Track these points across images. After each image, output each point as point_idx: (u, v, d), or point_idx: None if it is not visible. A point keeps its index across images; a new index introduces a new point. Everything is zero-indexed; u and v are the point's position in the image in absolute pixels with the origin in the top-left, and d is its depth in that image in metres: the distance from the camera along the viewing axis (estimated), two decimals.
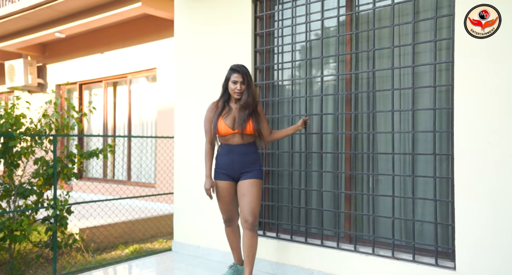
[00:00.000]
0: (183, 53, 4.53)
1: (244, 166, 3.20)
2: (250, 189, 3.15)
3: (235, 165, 3.21)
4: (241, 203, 3.20)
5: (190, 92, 4.45)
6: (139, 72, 7.81)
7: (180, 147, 4.53)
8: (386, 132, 3.31)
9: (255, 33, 3.98)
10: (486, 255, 2.77)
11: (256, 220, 3.16)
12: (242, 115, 3.18)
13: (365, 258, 3.28)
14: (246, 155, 3.21)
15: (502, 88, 2.74)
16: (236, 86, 3.18)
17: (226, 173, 3.26)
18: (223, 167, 3.26)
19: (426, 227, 3.26)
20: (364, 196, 3.53)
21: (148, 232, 6.42)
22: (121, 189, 7.36)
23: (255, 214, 3.15)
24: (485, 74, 2.81)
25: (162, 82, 7.32)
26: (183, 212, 4.47)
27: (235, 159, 3.20)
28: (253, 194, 3.15)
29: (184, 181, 4.47)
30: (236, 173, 3.22)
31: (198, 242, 4.31)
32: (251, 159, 3.22)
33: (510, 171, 2.70)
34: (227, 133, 3.21)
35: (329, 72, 3.71)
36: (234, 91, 3.19)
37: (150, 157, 7.74)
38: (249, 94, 3.17)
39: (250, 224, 3.15)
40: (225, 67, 4.09)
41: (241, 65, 3.25)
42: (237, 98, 3.21)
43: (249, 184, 3.16)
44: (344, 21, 3.60)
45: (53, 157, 4.58)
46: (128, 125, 8.06)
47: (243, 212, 3.19)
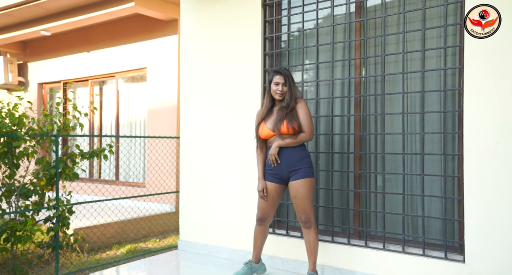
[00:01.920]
0: (189, 54, 4.59)
1: (291, 165, 3.30)
2: (299, 190, 3.26)
3: (282, 164, 3.32)
4: (294, 204, 3.32)
5: (196, 93, 4.52)
6: (128, 71, 7.78)
7: (185, 146, 4.60)
8: (397, 133, 3.49)
9: (265, 36, 4.10)
10: (494, 248, 2.98)
11: (308, 217, 3.27)
12: (279, 116, 3.30)
13: (376, 253, 3.45)
14: (292, 153, 3.31)
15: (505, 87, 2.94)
16: (278, 87, 3.30)
17: (274, 173, 3.37)
18: (272, 168, 3.37)
19: (432, 223, 3.46)
20: (372, 194, 3.70)
21: (140, 232, 6.43)
22: (109, 189, 7.32)
23: (306, 213, 3.27)
24: (489, 75, 3.00)
25: (153, 82, 7.32)
26: (189, 210, 4.54)
27: (282, 159, 3.31)
28: (303, 195, 3.26)
29: (190, 179, 4.54)
30: (284, 172, 3.33)
31: (205, 240, 4.39)
32: (297, 157, 3.31)
33: None
34: (269, 136, 3.34)
35: (339, 75, 3.86)
36: (276, 92, 3.32)
37: (139, 157, 7.73)
38: (291, 96, 3.30)
39: (303, 222, 3.29)
40: (234, 69, 4.23)
41: (283, 68, 3.40)
42: (279, 99, 3.33)
43: (299, 185, 3.27)
44: (353, 26, 3.75)
45: (55, 157, 4.56)
46: (116, 124, 8.01)
47: (297, 212, 3.32)
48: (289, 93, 3.31)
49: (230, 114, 4.26)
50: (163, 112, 7.17)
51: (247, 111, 4.10)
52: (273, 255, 3.93)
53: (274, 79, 3.34)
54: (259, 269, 3.63)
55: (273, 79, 3.34)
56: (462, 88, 3.16)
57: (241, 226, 4.14)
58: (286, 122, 3.26)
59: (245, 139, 4.11)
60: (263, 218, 3.46)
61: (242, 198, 4.15)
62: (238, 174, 4.19)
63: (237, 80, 4.22)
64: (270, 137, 3.36)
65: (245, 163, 4.13)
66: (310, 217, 3.28)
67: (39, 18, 7.81)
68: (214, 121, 4.37)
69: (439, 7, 3.40)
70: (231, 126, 4.26)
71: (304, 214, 3.27)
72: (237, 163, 4.21)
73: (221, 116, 4.33)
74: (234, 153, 4.23)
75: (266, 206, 3.41)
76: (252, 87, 4.11)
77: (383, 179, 3.53)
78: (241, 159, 4.17)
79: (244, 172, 4.14)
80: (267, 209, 3.43)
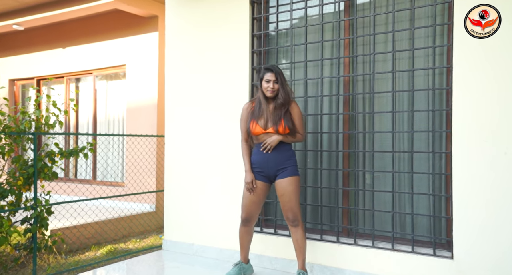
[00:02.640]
0: (175, 52, 4.51)
1: (279, 164, 3.29)
2: (287, 188, 3.25)
3: (270, 163, 3.30)
4: (281, 203, 3.30)
5: (182, 91, 4.45)
6: (106, 68, 7.61)
7: (171, 144, 4.52)
8: (386, 132, 3.51)
9: (253, 34, 4.06)
10: (482, 244, 3.04)
11: (295, 216, 3.26)
12: (276, 115, 3.28)
13: (365, 251, 3.47)
14: (280, 152, 3.30)
15: (500, 88, 2.99)
16: (269, 84, 3.28)
17: (261, 171, 3.35)
18: (259, 165, 3.34)
19: (420, 220, 3.50)
20: (360, 192, 3.71)
21: (120, 232, 6.30)
22: (86, 189, 7.15)
23: (293, 211, 3.25)
24: (482, 75, 3.05)
25: (132, 79, 7.18)
26: (175, 209, 4.47)
27: (270, 157, 3.29)
28: (290, 193, 3.25)
29: (175, 178, 4.47)
30: (272, 170, 3.31)
31: (191, 240, 4.33)
32: (285, 156, 3.31)
33: (504, 167, 2.98)
34: (260, 133, 3.31)
35: (327, 73, 3.86)
36: (267, 90, 3.29)
37: (117, 156, 7.57)
38: (284, 94, 3.28)
39: (291, 221, 3.27)
40: (221, 67, 4.17)
41: (274, 65, 3.39)
42: (270, 96, 3.30)
43: (286, 183, 3.26)
44: (343, 25, 3.76)
45: (33, 156, 4.41)
46: (93, 122, 7.83)
47: (283, 210, 3.30)
48: (282, 91, 3.29)
49: (218, 112, 4.21)
50: (143, 110, 7.05)
51: (235, 110, 4.06)
52: (261, 254, 3.90)
53: (265, 76, 3.31)
54: (248, 270, 3.60)
55: (264, 76, 3.32)
56: (451, 87, 3.20)
57: (228, 225, 4.10)
58: (284, 122, 3.25)
59: (232, 138, 4.07)
60: (248, 218, 3.42)
61: (229, 196, 4.10)
62: (225, 172, 4.15)
63: (224, 78, 4.17)
64: (260, 134, 3.33)
65: (232, 162, 4.08)
66: (297, 215, 3.27)
67: (12, 11, 7.56)
68: (201, 120, 4.31)
69: (427, 7, 3.44)
70: (218, 124, 4.21)
71: (291, 213, 3.26)
72: (224, 161, 4.16)
73: (208, 115, 4.27)
74: (221, 151, 4.18)
75: (251, 204, 3.37)
76: (240, 85, 4.07)
77: (372, 177, 3.55)
78: (228, 157, 4.12)
79: (231, 171, 4.10)
80: (252, 208, 3.39)
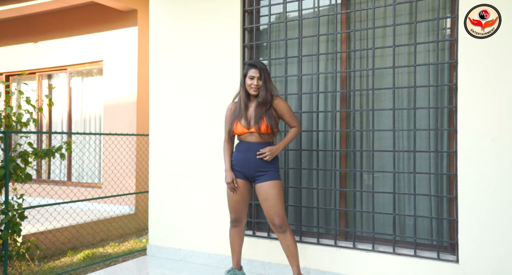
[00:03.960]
0: (160, 47, 4.26)
1: (260, 166, 3.07)
2: (270, 192, 3.04)
3: (251, 163, 3.08)
4: (265, 208, 3.08)
5: (168, 89, 4.20)
6: (81, 64, 7.24)
7: (156, 144, 4.26)
8: (387, 130, 3.36)
9: (244, 27, 3.85)
10: (489, 247, 2.92)
11: (282, 220, 3.04)
12: (257, 113, 3.06)
13: (365, 255, 3.31)
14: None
15: (503, 86, 2.88)
16: (253, 81, 3.06)
17: (241, 171, 3.13)
18: (239, 164, 3.13)
19: (421, 222, 3.36)
20: (358, 193, 3.56)
21: (98, 235, 5.98)
22: (61, 190, 6.79)
23: (280, 216, 3.04)
24: (490, 71, 2.93)
25: (109, 76, 6.85)
26: (160, 212, 4.21)
27: (251, 157, 3.08)
28: (274, 197, 3.03)
29: (160, 179, 4.22)
30: (251, 171, 3.09)
31: (178, 244, 4.08)
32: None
33: (511, 167, 2.86)
34: (243, 133, 3.10)
35: (322, 69, 3.69)
36: (251, 87, 3.07)
37: (94, 156, 7.22)
38: (267, 91, 3.06)
39: (278, 227, 3.04)
40: (210, 62, 3.96)
41: (258, 61, 3.16)
42: (254, 94, 3.09)
43: (268, 187, 3.04)
44: (339, 18, 3.59)
45: (5, 156, 4.08)
46: (68, 121, 7.44)
47: (268, 216, 3.07)
48: (264, 88, 3.07)
49: (207, 110, 3.98)
50: (121, 108, 6.72)
51: (224, 107, 3.85)
52: (253, 259, 3.70)
53: (249, 73, 3.09)
54: None
55: (248, 73, 3.09)
56: (455, 83, 3.07)
57: (217, 228, 3.88)
58: (266, 120, 3.04)
59: (221, 137, 3.86)
60: (237, 218, 3.23)
61: (218, 198, 3.88)
62: (214, 173, 3.93)
63: (214, 74, 3.95)
64: (243, 134, 3.12)
65: (222, 162, 3.86)
66: (284, 220, 3.06)
67: None
68: (188, 118, 4.07)
69: (429, 0, 3.31)
70: (207, 123, 3.98)
71: (277, 218, 3.04)
72: (212, 162, 3.93)
73: (197, 113, 4.04)
74: (209, 151, 3.96)
75: (237, 203, 3.17)
76: (231, 81, 3.85)
77: (372, 178, 3.40)
78: (217, 157, 3.90)
79: (220, 171, 3.87)
80: (239, 207, 3.19)
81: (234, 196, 3.15)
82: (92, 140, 7.27)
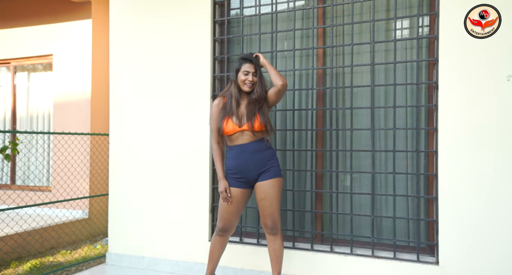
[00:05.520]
0: (121, 42, 3.95)
1: (261, 165, 2.83)
2: (268, 191, 2.82)
3: (250, 165, 2.83)
4: (260, 207, 2.86)
5: (131, 85, 3.91)
6: (28, 58, 6.71)
7: (117, 144, 3.95)
8: (366, 129, 3.25)
9: (214, 20, 3.64)
10: (470, 249, 2.87)
11: (275, 222, 2.85)
12: (249, 110, 2.83)
13: (344, 258, 3.19)
14: (260, 152, 2.84)
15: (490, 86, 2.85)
16: (247, 77, 2.82)
17: (240, 177, 2.86)
18: (238, 171, 2.85)
19: (397, 223, 3.28)
20: (333, 195, 3.43)
21: (48, 242, 5.53)
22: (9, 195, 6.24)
23: (274, 217, 2.84)
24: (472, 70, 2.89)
25: (60, 71, 6.38)
26: (121, 217, 3.91)
27: (249, 159, 2.82)
28: (273, 197, 2.82)
29: (122, 181, 3.91)
30: (253, 174, 2.84)
31: (142, 252, 3.80)
32: (266, 155, 2.86)
33: (493, 167, 2.83)
34: (234, 131, 2.83)
35: (297, 66, 3.55)
36: (245, 83, 2.82)
37: (43, 157, 6.72)
38: (262, 87, 2.84)
39: (270, 228, 2.84)
40: (178, 57, 3.73)
41: (250, 54, 2.90)
42: (248, 91, 2.84)
43: (268, 185, 2.82)
44: (316, 13, 3.46)
45: None
46: (11, 119, 6.88)
47: (262, 216, 2.86)
48: (259, 84, 2.84)
49: (173, 107, 3.73)
50: (73, 105, 6.28)
51: (194, 104, 3.62)
52: (226, 265, 3.49)
53: (242, 68, 2.85)
54: None
55: (242, 68, 2.85)
56: (436, 82, 3.01)
57: (185, 233, 3.64)
58: (259, 118, 2.81)
59: (190, 135, 3.63)
60: (227, 228, 2.96)
61: (186, 201, 3.65)
62: (181, 174, 3.68)
63: (182, 69, 3.70)
64: (234, 133, 2.88)
65: (190, 162, 3.64)
66: (277, 222, 2.87)
67: None
68: (153, 116, 3.80)
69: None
70: (173, 121, 3.73)
71: (271, 219, 2.85)
72: (180, 161, 3.69)
73: (162, 110, 3.77)
74: (176, 150, 3.71)
75: (230, 214, 2.90)
76: (200, 77, 3.62)
77: (350, 179, 3.29)
78: (184, 157, 3.66)
79: (188, 172, 3.65)
80: (231, 218, 2.92)
81: (229, 207, 2.88)
82: (40, 140, 6.77)
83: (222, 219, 2.93)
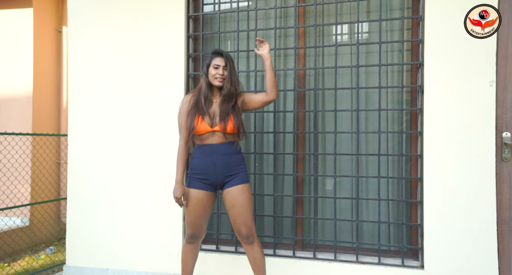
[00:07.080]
0: (81, 36, 3.61)
1: (229, 169, 2.66)
2: (238, 198, 2.65)
3: (217, 168, 2.65)
4: (231, 216, 2.68)
5: (93, 83, 3.57)
6: None
7: (76, 145, 3.60)
8: (349, 132, 3.19)
9: (188, 15, 3.42)
10: (455, 253, 2.88)
11: (250, 230, 2.68)
12: (223, 110, 2.66)
13: (328, 265, 3.10)
14: (229, 155, 2.68)
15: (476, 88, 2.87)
16: (217, 71, 2.66)
17: (206, 179, 2.67)
18: (203, 172, 2.67)
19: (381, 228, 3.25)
20: (313, 200, 3.34)
21: None
22: None
23: (247, 225, 2.66)
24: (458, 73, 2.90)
25: None
26: (81, 226, 3.56)
27: (218, 161, 2.65)
28: (243, 203, 2.65)
29: (83, 186, 3.57)
30: (220, 177, 2.67)
31: (105, 264, 3.47)
32: (236, 160, 2.70)
33: (478, 171, 2.87)
34: (206, 131, 2.64)
35: (277, 66, 3.42)
36: (215, 77, 2.66)
37: None
38: (232, 83, 2.67)
39: (245, 237, 2.66)
40: (149, 54, 3.46)
41: (222, 50, 2.76)
42: (219, 85, 2.68)
43: (237, 192, 2.65)
44: (297, 12, 3.35)
45: None
46: None
47: (235, 225, 2.67)
48: (229, 79, 2.69)
49: (143, 107, 3.46)
50: (11, 103, 5.72)
51: (164, 103, 3.38)
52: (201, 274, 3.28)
53: (213, 62, 2.71)
54: None
55: (212, 62, 2.71)
56: (421, 85, 3.01)
57: (155, 242, 3.38)
58: (233, 119, 2.67)
59: (160, 136, 3.38)
60: (197, 234, 2.78)
61: (157, 206, 3.39)
62: (149, 177, 3.42)
63: (153, 66, 3.44)
64: (205, 133, 2.69)
65: (160, 163, 3.39)
66: (252, 229, 2.72)
67: None
68: (118, 115, 3.50)
69: None
70: (143, 121, 3.45)
71: (245, 227, 2.69)
72: (149, 163, 3.42)
73: (130, 110, 3.48)
74: (146, 152, 3.44)
75: (198, 218, 2.73)
76: (173, 75, 3.38)
77: (334, 183, 3.21)
78: (154, 158, 3.41)
79: (158, 175, 3.39)
80: (200, 223, 2.75)
81: (196, 211, 2.70)
82: None
83: (190, 224, 2.75)
